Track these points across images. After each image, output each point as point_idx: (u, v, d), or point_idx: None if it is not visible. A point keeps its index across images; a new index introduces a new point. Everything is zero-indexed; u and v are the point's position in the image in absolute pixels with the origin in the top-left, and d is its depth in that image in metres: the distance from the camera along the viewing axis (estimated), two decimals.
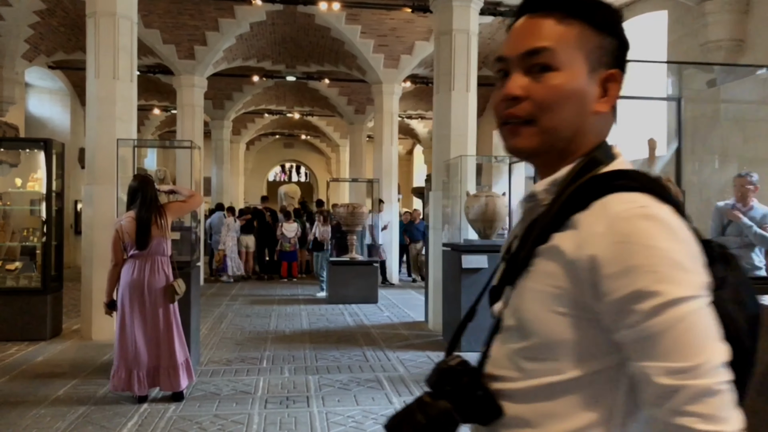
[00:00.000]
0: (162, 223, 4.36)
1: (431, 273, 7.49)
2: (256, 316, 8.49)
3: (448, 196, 7.21)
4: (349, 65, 13.27)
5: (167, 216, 4.40)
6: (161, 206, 4.41)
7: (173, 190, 4.65)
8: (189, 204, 4.55)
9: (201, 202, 4.64)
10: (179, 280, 4.42)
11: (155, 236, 4.32)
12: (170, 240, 4.46)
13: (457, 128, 7.32)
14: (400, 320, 8.21)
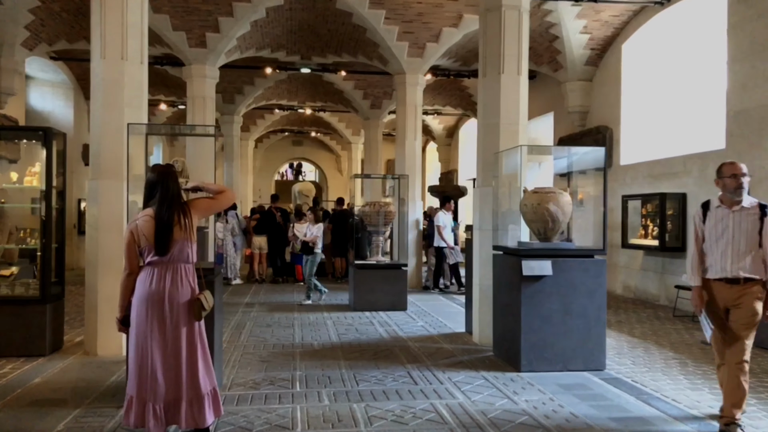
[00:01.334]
0: (186, 224, 3.56)
1: (476, 280, 6.68)
2: (278, 325, 7.69)
3: (499, 193, 6.39)
4: (370, 55, 12.46)
5: (192, 215, 3.60)
6: (185, 203, 3.61)
7: (198, 187, 3.83)
8: (219, 201, 3.75)
9: (233, 200, 3.83)
10: (206, 293, 3.62)
11: (178, 239, 3.52)
12: (195, 244, 3.66)
13: (508, 116, 6.50)
14: (437, 331, 7.40)
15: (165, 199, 3.55)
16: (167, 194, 3.56)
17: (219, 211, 4.12)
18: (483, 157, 6.64)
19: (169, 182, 3.58)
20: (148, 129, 5.45)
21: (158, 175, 3.61)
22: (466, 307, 7.44)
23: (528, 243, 5.86)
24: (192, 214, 3.59)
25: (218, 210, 4.06)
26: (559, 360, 5.46)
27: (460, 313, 8.81)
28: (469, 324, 7.23)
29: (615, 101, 11.52)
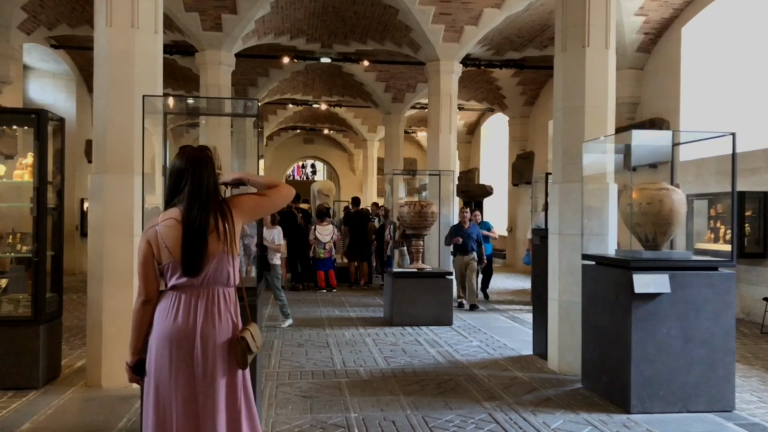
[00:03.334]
0: (226, 230, 2.47)
1: (554, 294, 5.59)
2: (311, 345, 6.60)
3: (587, 190, 5.29)
4: (399, 41, 11.37)
5: (235, 218, 2.52)
6: (224, 202, 2.53)
7: (240, 180, 2.72)
8: (271, 199, 2.64)
9: (290, 197, 2.73)
10: (253, 327, 2.54)
11: (215, 253, 2.45)
12: (238, 259, 2.58)
13: (594, 97, 5.41)
14: (500, 353, 6.31)
15: (197, 196, 2.47)
16: (200, 188, 2.47)
17: (272, 212, 3.01)
18: (563, 146, 5.54)
19: (203, 171, 2.49)
20: (170, 105, 4.35)
21: (187, 160, 2.51)
22: (534, 326, 6.35)
23: (628, 252, 4.76)
24: (234, 217, 2.50)
25: (270, 211, 2.96)
26: (678, 399, 4.37)
27: (515, 329, 7.73)
28: (539, 346, 6.14)
29: (672, 91, 10.41)
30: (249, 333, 2.48)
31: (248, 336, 2.46)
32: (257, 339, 2.51)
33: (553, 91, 5.84)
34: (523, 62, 13.38)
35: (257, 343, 2.50)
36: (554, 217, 5.60)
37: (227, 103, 5.52)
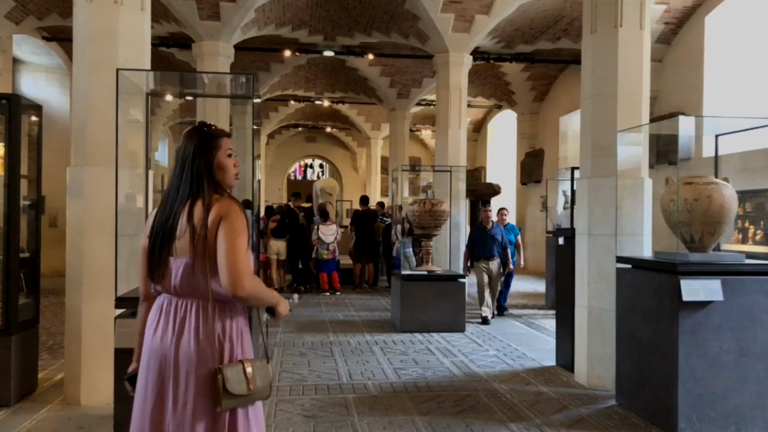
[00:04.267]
0: (198, 230, 1.96)
1: (582, 300, 5.06)
2: (314, 353, 6.09)
3: (621, 185, 4.77)
4: (406, 32, 10.86)
5: (218, 221, 1.98)
6: (214, 197, 2.02)
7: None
8: (227, 263, 2.05)
9: (237, 290, 2.08)
10: (250, 363, 1.96)
11: (180, 257, 1.97)
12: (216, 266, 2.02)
13: (628, 83, 4.89)
14: (520, 364, 5.79)
15: (174, 185, 2.02)
16: (181, 174, 2.02)
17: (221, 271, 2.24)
18: (592, 137, 5.02)
19: (192, 149, 2.02)
20: (149, 82, 3.83)
21: (183, 138, 2.09)
22: (558, 334, 5.82)
23: (672, 254, 4.24)
24: (217, 220, 1.97)
25: (220, 268, 1.97)
26: (731, 421, 3.85)
27: (533, 336, 7.20)
28: (564, 356, 5.61)
29: (695, 83, 9.88)
30: (237, 369, 1.92)
31: (230, 373, 1.91)
32: (251, 380, 1.92)
33: (559, 89, 5.34)
34: (533, 56, 12.86)
35: (247, 386, 1.91)
36: (582, 216, 5.08)
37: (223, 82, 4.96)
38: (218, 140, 2.06)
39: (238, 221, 1.92)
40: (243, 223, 1.92)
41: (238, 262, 1.87)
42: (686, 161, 9.94)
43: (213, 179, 2.04)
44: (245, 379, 1.90)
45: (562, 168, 14.16)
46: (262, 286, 1.97)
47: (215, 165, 2.04)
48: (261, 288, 1.95)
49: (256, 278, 1.94)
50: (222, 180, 2.05)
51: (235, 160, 2.08)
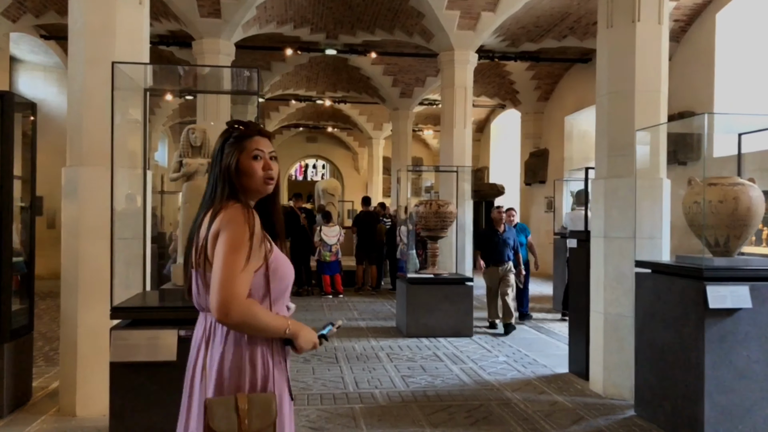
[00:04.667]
0: (204, 236, 1.80)
1: (598, 306, 4.87)
2: (318, 360, 5.89)
3: (640, 185, 4.58)
4: (410, 29, 10.68)
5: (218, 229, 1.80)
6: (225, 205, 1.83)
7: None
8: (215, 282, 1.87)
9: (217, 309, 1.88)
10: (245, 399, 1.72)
11: (194, 267, 1.82)
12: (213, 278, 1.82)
13: (646, 80, 4.70)
14: (532, 371, 5.59)
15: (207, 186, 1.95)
16: (209, 176, 1.94)
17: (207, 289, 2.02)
18: (608, 136, 4.83)
19: (217, 151, 1.91)
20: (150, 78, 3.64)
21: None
22: (571, 340, 5.63)
23: (695, 258, 4.05)
24: (216, 231, 1.77)
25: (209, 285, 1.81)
26: None
27: (542, 341, 7.01)
28: (577, 363, 5.43)
29: (705, 82, 9.69)
30: (227, 403, 1.70)
31: (216, 407, 1.68)
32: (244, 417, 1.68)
33: (564, 88, 5.15)
34: (538, 54, 12.68)
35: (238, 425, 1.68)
36: (598, 218, 4.89)
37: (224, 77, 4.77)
38: (243, 141, 1.86)
39: (236, 234, 1.70)
40: (241, 237, 1.69)
41: (227, 282, 1.64)
42: (695, 162, 9.76)
43: (235, 185, 1.85)
44: (236, 416, 1.68)
45: (571, 168, 13.99)
46: (260, 313, 1.69)
47: (238, 169, 1.85)
48: (258, 316, 1.68)
49: (251, 304, 1.68)
50: (248, 186, 1.85)
51: (264, 162, 1.85)
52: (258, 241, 1.75)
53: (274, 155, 1.92)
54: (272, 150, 1.91)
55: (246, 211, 1.76)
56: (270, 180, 1.87)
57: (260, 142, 1.88)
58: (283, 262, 1.84)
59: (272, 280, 1.80)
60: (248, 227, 1.72)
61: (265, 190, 1.88)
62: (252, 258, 1.72)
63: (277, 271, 1.82)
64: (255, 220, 1.76)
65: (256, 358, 1.75)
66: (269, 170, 1.86)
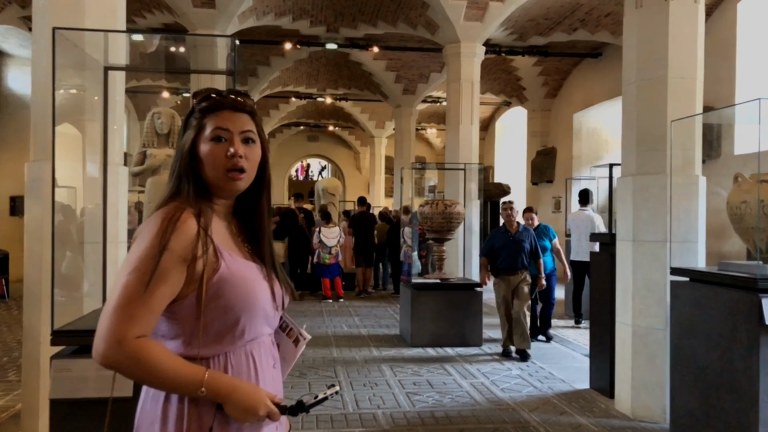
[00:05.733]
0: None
1: (625, 317, 4.38)
2: (315, 375, 5.40)
3: (672, 183, 4.09)
4: (414, 21, 10.20)
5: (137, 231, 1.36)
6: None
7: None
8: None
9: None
10: None
11: None
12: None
13: (680, 65, 4.22)
14: (549, 387, 5.10)
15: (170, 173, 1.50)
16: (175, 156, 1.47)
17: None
18: (637, 128, 4.34)
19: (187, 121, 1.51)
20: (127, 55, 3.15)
21: None
22: (592, 354, 5.13)
23: (742, 265, 3.56)
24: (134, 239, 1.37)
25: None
26: None
27: (557, 352, 6.52)
28: (599, 379, 4.93)
29: (726, 74, 9.18)
30: None
31: None
32: None
33: (572, 85, 4.66)
34: (547, 49, 12.19)
35: None
36: (626, 220, 4.39)
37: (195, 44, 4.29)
38: (207, 116, 1.40)
39: (140, 248, 1.26)
40: (146, 253, 1.24)
41: (109, 313, 1.22)
42: (715, 160, 9.26)
43: (197, 175, 1.39)
44: None
45: (582, 166, 13.49)
46: (153, 360, 1.22)
47: (194, 154, 1.39)
48: (149, 363, 1.21)
49: (141, 346, 1.22)
50: (209, 179, 1.39)
51: (230, 146, 1.37)
52: (176, 259, 1.26)
53: (250, 137, 1.42)
54: (248, 129, 1.41)
55: (172, 216, 1.28)
56: (236, 173, 1.39)
57: (228, 118, 1.40)
58: (236, 286, 1.34)
59: (209, 311, 1.31)
60: (159, 240, 1.25)
61: (231, 186, 1.40)
62: (162, 282, 1.24)
63: (222, 299, 1.32)
64: (182, 230, 1.28)
65: (168, 417, 1.28)
66: (236, 158, 1.38)
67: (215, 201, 1.43)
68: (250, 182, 1.44)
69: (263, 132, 1.51)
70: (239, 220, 1.53)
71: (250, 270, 1.43)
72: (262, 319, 1.44)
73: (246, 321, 1.38)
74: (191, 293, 1.32)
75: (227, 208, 1.48)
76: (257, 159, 1.45)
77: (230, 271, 1.36)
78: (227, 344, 1.37)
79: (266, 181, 1.51)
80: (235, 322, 1.36)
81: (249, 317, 1.38)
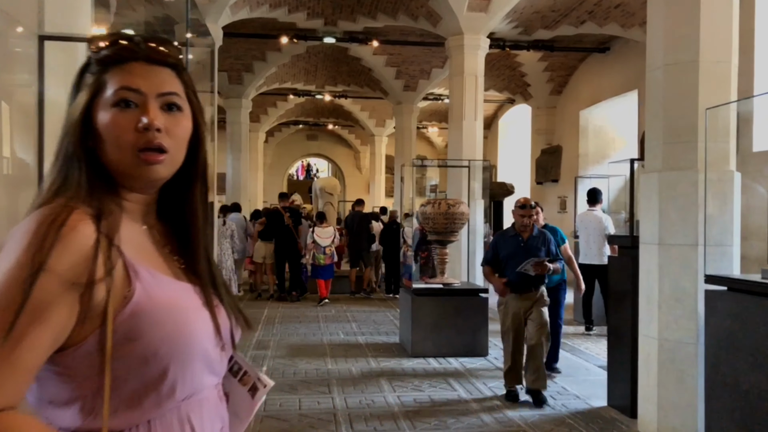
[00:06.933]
0: None
1: (649, 330, 3.93)
2: (307, 389, 4.95)
3: (700, 180, 3.65)
4: (415, 13, 9.76)
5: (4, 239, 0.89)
6: None
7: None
8: None
9: None
10: None
11: None
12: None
13: (713, 48, 3.77)
14: (563, 404, 4.65)
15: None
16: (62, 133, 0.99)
17: None
18: (664, 119, 3.89)
19: (79, 82, 1.01)
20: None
21: None
22: (610, 369, 4.68)
23: None
24: None
25: None
26: None
27: (569, 362, 6.07)
28: (619, 396, 4.48)
29: (744, 68, 8.62)
30: None
31: None
32: None
33: (578, 81, 4.22)
34: (553, 43, 11.75)
35: None
36: (650, 221, 3.94)
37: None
38: (106, 71, 0.95)
39: (7, 257, 0.83)
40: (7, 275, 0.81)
41: None
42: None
43: (94, 158, 0.95)
44: None
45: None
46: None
47: (88, 127, 0.94)
48: None
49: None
50: (111, 162, 0.95)
51: (137, 115, 0.93)
52: (59, 285, 0.83)
53: (174, 102, 0.98)
54: (170, 91, 0.97)
55: (53, 219, 0.85)
56: (152, 153, 0.94)
57: (140, 73, 0.95)
58: (160, 321, 0.90)
59: (120, 361, 0.87)
60: (32, 257, 0.82)
61: (145, 173, 0.95)
62: (36, 321, 0.81)
63: (139, 341, 0.88)
64: (70, 240, 0.85)
65: None
66: (151, 131, 0.94)
67: (125, 196, 0.99)
68: (175, 168, 1.00)
69: (196, 96, 1.05)
70: (165, 223, 1.08)
71: (182, 294, 0.98)
72: (201, 365, 0.98)
73: (177, 372, 0.93)
74: (90, 335, 0.88)
75: (145, 206, 1.03)
76: (185, 134, 1.00)
77: (150, 298, 0.91)
78: (150, 409, 0.92)
79: (200, 167, 1.06)
80: (160, 374, 0.91)
81: (182, 366, 0.93)
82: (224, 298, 1.09)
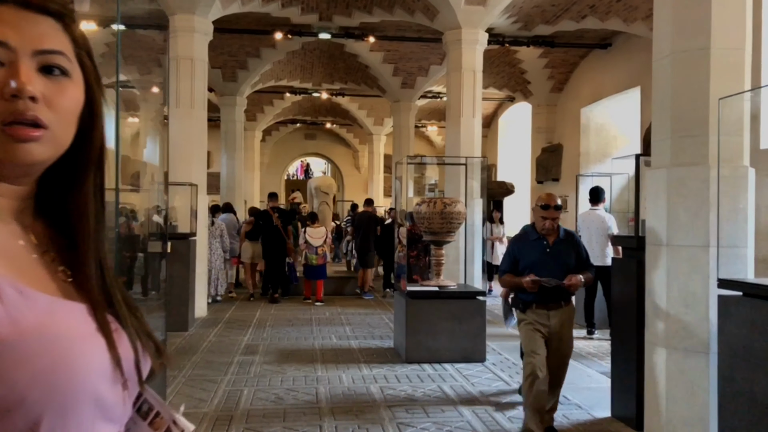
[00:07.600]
0: None
1: (656, 338, 3.66)
2: (294, 399, 4.69)
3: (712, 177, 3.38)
4: (411, 7, 9.50)
5: None
6: None
7: None
8: None
9: None
10: None
11: None
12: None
13: (725, 35, 3.50)
14: (564, 415, 4.38)
15: None
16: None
17: None
18: (672, 110, 3.62)
19: None
20: None
21: None
22: (614, 378, 4.41)
23: None
24: None
25: None
26: None
27: (570, 369, 5.77)
28: (624, 406, 4.22)
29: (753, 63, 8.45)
30: None
31: None
32: None
33: (579, 78, 3.96)
34: (553, 39, 11.48)
35: None
36: (658, 220, 3.67)
37: None
38: None
39: None
40: None
41: None
42: None
43: None
44: None
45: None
46: None
47: None
48: None
49: None
50: None
51: (2, 76, 0.67)
52: None
53: (57, 63, 0.70)
54: (52, 49, 0.71)
55: None
56: (23, 128, 0.67)
57: (9, 21, 0.68)
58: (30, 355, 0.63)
59: None
60: None
61: (12, 154, 0.67)
62: None
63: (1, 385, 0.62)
64: None
65: None
66: (22, 99, 0.67)
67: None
68: (58, 150, 0.73)
69: (91, 58, 0.79)
70: (48, 223, 0.81)
71: (65, 318, 0.71)
72: (92, 412, 0.70)
73: (55, 424, 0.65)
74: None
75: (18, 200, 0.76)
76: (73, 107, 0.73)
77: (15, 324, 0.64)
78: None
79: (94, 151, 0.80)
80: (29, 426, 0.64)
81: (62, 415, 0.66)
82: (126, 319, 0.82)
